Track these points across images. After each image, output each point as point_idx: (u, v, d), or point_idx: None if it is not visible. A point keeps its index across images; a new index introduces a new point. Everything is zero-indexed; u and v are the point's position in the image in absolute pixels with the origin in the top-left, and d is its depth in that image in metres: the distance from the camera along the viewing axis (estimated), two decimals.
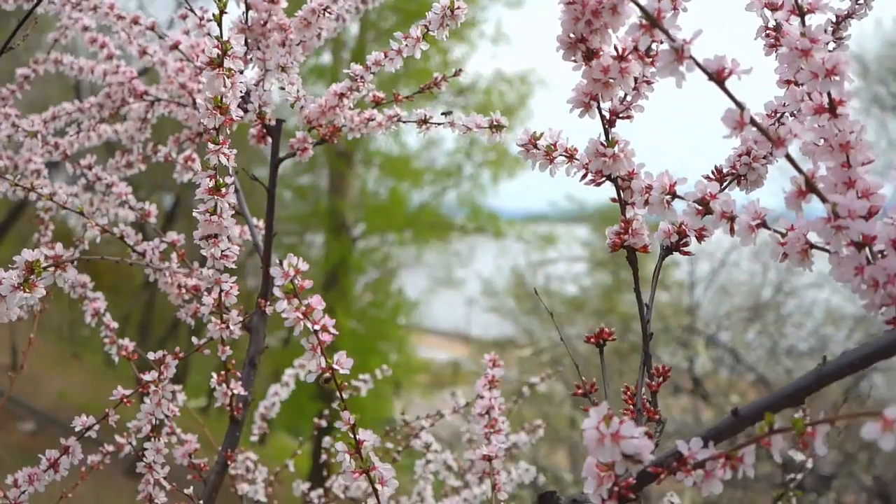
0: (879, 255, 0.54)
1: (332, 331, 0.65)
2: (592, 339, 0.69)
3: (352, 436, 0.67)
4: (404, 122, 1.00)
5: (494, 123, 0.87)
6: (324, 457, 1.51)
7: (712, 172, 0.72)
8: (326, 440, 1.42)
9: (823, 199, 0.53)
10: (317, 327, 0.64)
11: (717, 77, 0.52)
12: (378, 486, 0.67)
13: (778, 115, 0.72)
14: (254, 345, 1.04)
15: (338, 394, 0.67)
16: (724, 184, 0.71)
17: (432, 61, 11.19)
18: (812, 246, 0.56)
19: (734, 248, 6.63)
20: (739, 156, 0.71)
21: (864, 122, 0.56)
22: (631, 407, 0.66)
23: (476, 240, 11.85)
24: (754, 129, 0.52)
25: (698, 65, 0.52)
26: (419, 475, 1.34)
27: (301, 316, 0.64)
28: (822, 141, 0.57)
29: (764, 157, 0.70)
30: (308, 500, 1.60)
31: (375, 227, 11.45)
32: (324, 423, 1.61)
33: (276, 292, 0.63)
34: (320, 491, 1.53)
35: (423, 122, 0.98)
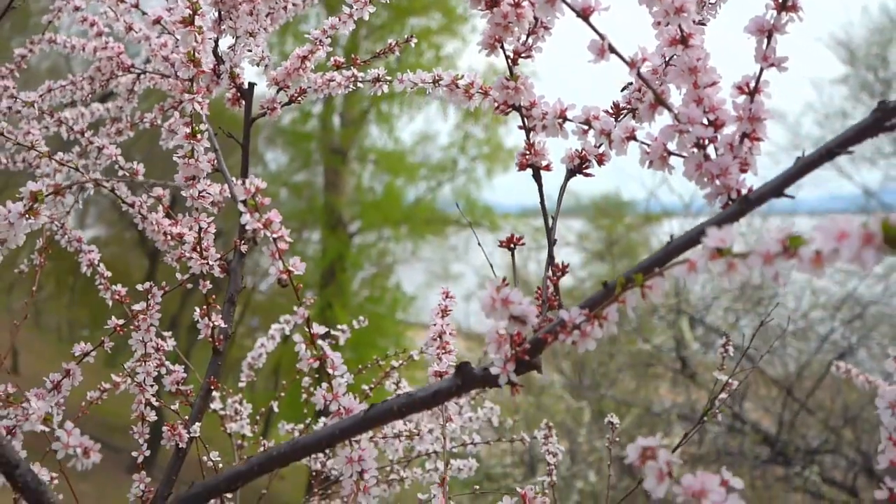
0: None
1: (288, 238, 0.78)
2: (504, 244, 0.82)
3: (307, 329, 0.80)
4: (361, 82, 1.13)
5: (436, 79, 1.00)
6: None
7: (611, 106, 0.85)
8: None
9: (669, 110, 0.66)
10: (275, 236, 0.77)
11: (583, 13, 0.65)
12: (330, 371, 0.80)
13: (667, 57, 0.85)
14: (232, 284, 1.17)
15: (295, 295, 0.80)
16: (621, 115, 0.84)
17: (425, 56, 11.35)
18: (670, 153, 0.69)
19: None
20: (634, 91, 0.84)
21: (852, 109, 0.68)
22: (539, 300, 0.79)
23: (471, 233, 11.95)
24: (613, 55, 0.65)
25: (568, 4, 0.65)
26: None
27: (261, 226, 0.77)
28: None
29: None
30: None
31: (371, 223, 11.58)
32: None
33: (240, 207, 0.76)
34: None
35: (377, 80, 1.11)
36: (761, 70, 0.67)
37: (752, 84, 0.67)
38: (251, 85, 1.15)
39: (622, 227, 11.24)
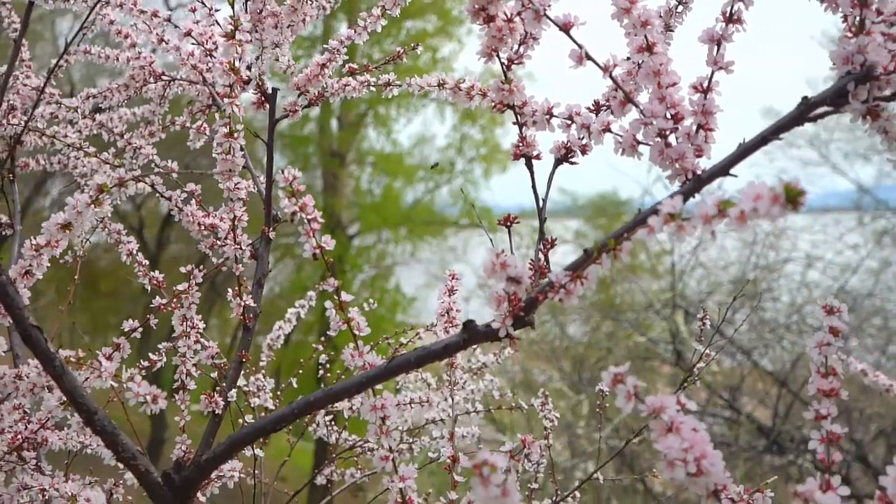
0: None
1: (320, 220, 0.91)
2: (502, 222, 0.97)
3: (336, 297, 0.94)
4: (373, 86, 1.27)
5: (441, 82, 1.14)
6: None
7: (592, 103, 0.99)
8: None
9: (636, 106, 0.80)
10: (310, 217, 0.91)
11: (565, 27, 0.79)
12: (356, 332, 0.93)
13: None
14: (260, 268, 1.31)
15: (326, 266, 0.94)
16: (600, 112, 0.98)
17: (421, 59, 11.50)
18: (638, 142, 0.83)
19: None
20: (610, 91, 0.98)
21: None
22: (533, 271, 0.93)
23: (470, 235, 12.11)
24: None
25: (551, 20, 0.79)
26: (400, 384, 1.61)
27: (298, 209, 0.91)
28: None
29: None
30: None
31: (370, 225, 11.71)
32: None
33: (279, 193, 0.90)
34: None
35: (388, 84, 1.25)
36: (712, 73, 0.81)
37: (705, 84, 0.81)
38: (275, 90, 1.29)
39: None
